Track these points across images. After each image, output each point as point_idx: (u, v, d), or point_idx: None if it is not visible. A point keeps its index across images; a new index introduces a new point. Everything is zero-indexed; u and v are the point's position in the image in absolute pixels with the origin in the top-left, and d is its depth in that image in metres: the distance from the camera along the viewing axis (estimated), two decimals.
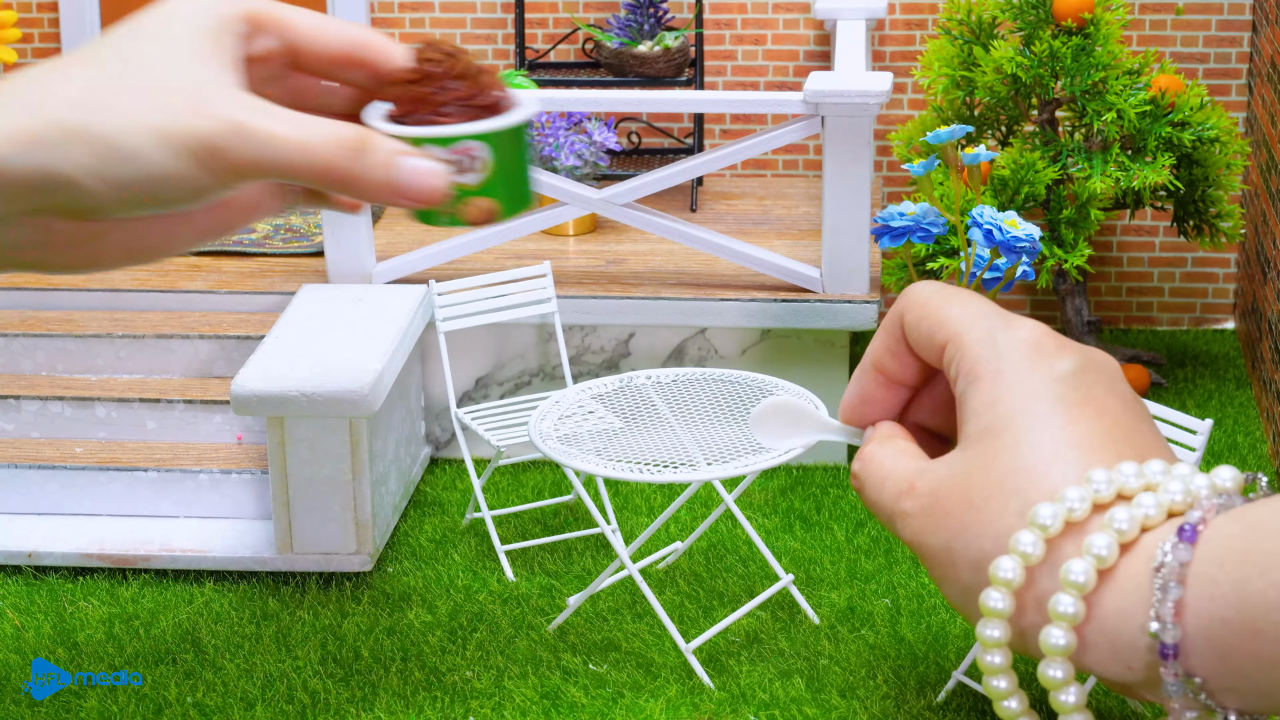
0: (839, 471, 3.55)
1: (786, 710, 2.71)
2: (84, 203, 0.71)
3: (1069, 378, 0.62)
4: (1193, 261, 4.21)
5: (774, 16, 4.30)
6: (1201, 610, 0.55)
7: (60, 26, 4.53)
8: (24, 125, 0.72)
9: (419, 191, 0.78)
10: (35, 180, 0.71)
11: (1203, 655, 0.55)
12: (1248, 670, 0.55)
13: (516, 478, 3.54)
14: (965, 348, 0.64)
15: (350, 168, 0.78)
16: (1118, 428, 0.62)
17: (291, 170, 0.74)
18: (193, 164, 0.72)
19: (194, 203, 0.73)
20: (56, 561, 3.19)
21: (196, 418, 3.44)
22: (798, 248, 3.77)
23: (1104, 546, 0.58)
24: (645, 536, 2.82)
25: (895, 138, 3.66)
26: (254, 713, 2.73)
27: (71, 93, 0.71)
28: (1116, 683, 0.59)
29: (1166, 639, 0.56)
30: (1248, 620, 0.55)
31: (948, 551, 0.62)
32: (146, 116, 0.71)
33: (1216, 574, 0.55)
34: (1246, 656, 0.55)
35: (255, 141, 0.73)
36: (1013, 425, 0.61)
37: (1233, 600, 0.55)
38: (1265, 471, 3.48)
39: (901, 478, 0.64)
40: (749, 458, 2.31)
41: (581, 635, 2.93)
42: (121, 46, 0.74)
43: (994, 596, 0.60)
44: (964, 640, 2.90)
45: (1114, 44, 3.46)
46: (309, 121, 0.75)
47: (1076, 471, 0.60)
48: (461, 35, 4.43)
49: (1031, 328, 0.63)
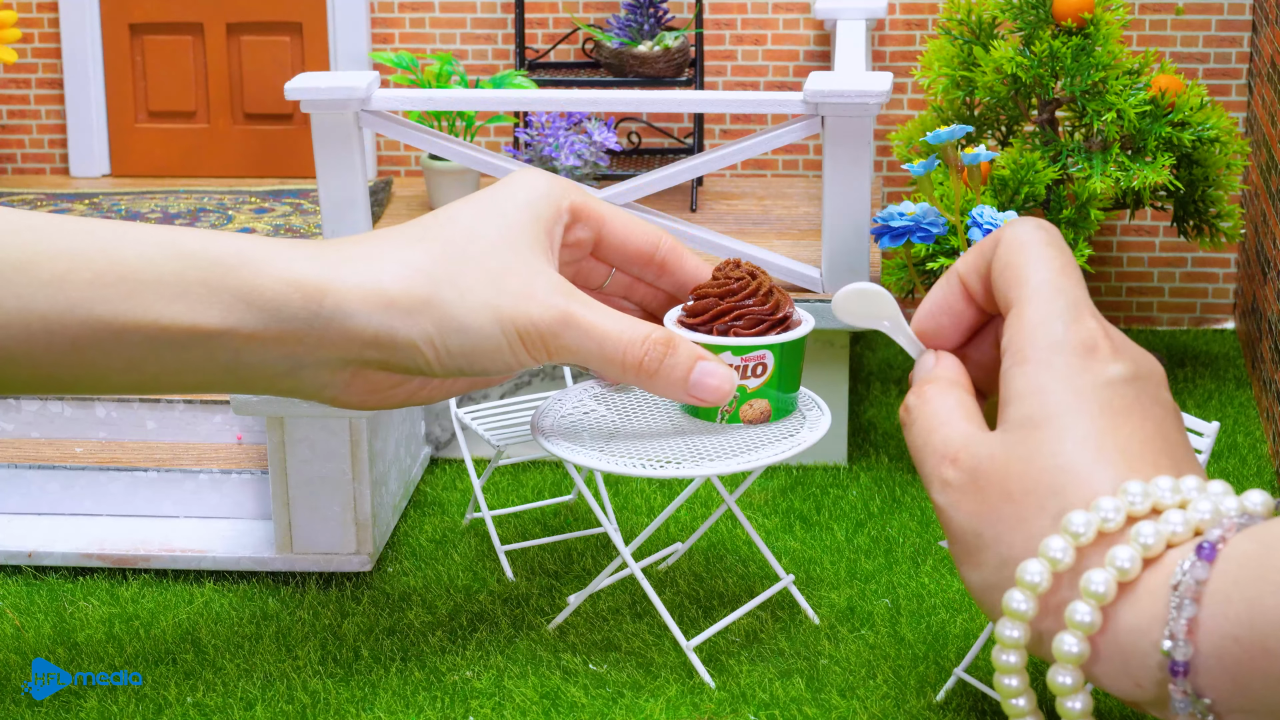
0: (839, 471, 3.55)
1: (786, 710, 2.71)
2: (413, 363, 0.75)
3: (1118, 383, 0.62)
4: (1193, 261, 4.22)
5: (774, 16, 4.31)
6: (1215, 629, 0.55)
7: (60, 26, 4.54)
8: (378, 286, 0.75)
9: (710, 394, 0.82)
10: (378, 339, 0.74)
11: (1212, 674, 0.55)
12: (1257, 689, 0.55)
13: (516, 478, 3.54)
14: (1023, 324, 0.64)
15: (655, 367, 0.82)
16: (1159, 437, 0.62)
17: (604, 360, 0.79)
18: (519, 343, 0.76)
19: (504, 373, 0.78)
20: (56, 561, 3.19)
21: (196, 418, 3.44)
22: (798, 248, 3.78)
23: (1127, 559, 0.58)
24: (645, 536, 2.82)
25: (895, 138, 3.67)
26: (254, 712, 2.73)
27: (423, 263, 0.74)
28: (1124, 698, 0.59)
29: (1178, 656, 0.56)
30: (1259, 639, 0.54)
31: (977, 536, 0.62)
32: (489, 297, 0.75)
33: (1231, 592, 0.55)
34: (1256, 675, 0.55)
35: (578, 332, 0.77)
36: (1057, 421, 0.61)
37: (1245, 618, 0.55)
38: (1265, 471, 3.47)
39: (949, 439, 0.64)
40: (750, 454, 2.31)
41: (582, 635, 2.94)
42: (467, 223, 0.77)
43: (1018, 598, 0.60)
44: (964, 640, 2.90)
45: (1114, 44, 3.47)
46: (625, 320, 0.79)
47: (1114, 478, 0.60)
48: (461, 35, 4.44)
49: (1094, 326, 0.63)
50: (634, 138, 4.48)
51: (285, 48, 4.53)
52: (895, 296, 0.76)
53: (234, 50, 4.55)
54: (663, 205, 4.27)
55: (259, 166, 4.58)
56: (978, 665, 2.91)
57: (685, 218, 4.04)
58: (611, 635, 3.13)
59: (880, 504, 3.54)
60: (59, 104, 4.55)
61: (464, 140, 4.01)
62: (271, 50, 4.55)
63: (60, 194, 4.46)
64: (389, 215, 4.22)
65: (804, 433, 2.49)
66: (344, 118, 3.69)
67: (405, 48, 4.41)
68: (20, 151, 4.59)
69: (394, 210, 4.38)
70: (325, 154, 3.63)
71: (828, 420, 2.27)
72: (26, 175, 4.62)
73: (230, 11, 4.58)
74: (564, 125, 3.93)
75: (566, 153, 3.84)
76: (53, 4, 4.52)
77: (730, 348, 1.05)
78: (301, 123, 4.52)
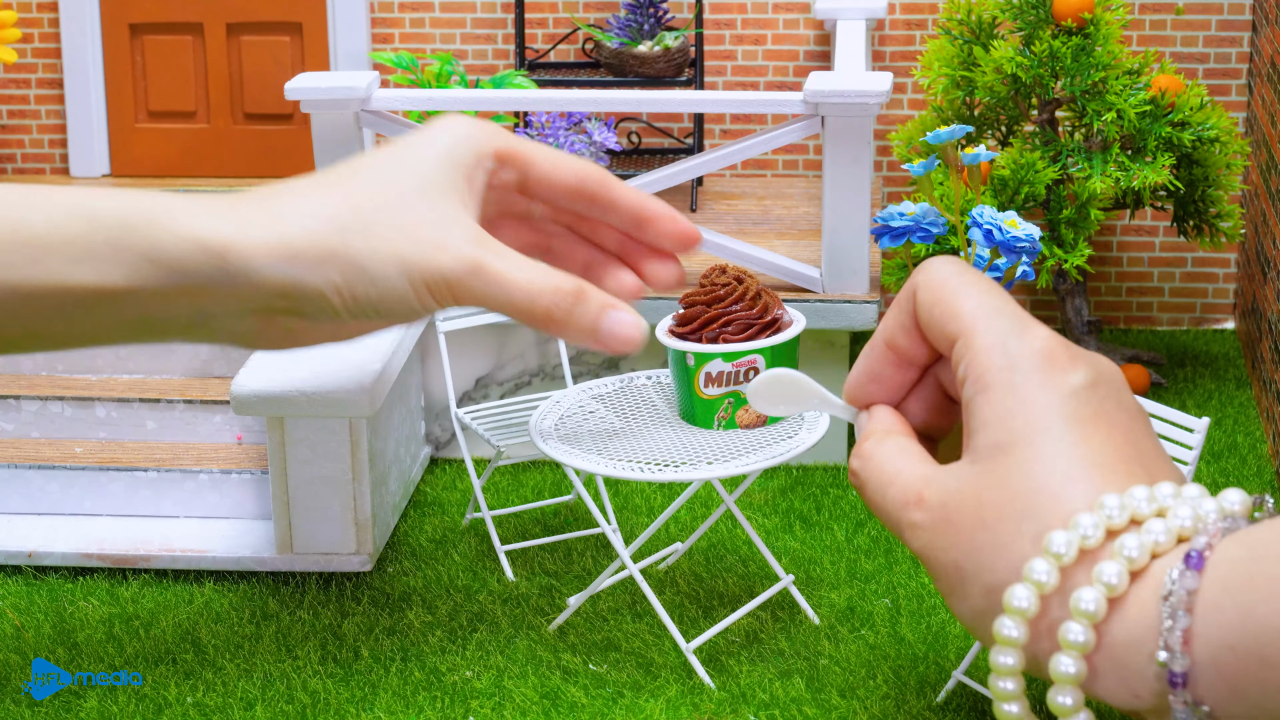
0: (839, 471, 3.55)
1: (786, 710, 2.71)
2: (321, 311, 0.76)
3: (1081, 392, 0.62)
4: (1193, 261, 4.21)
5: (774, 16, 4.30)
6: (1210, 638, 0.55)
7: (60, 26, 4.54)
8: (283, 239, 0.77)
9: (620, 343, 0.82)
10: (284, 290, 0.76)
11: (1211, 684, 0.55)
12: (1255, 697, 0.55)
13: (516, 478, 3.54)
14: (976, 351, 0.64)
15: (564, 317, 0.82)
16: (1128, 444, 0.62)
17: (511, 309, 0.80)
18: (425, 293, 0.77)
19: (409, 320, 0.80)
20: (56, 561, 3.19)
21: (196, 418, 3.44)
22: (798, 248, 3.77)
23: (1114, 575, 0.57)
24: (645, 536, 2.82)
25: (895, 138, 3.66)
26: (254, 713, 2.73)
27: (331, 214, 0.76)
28: (1124, 709, 0.59)
29: (1175, 668, 0.55)
30: (1254, 648, 0.54)
31: (958, 570, 0.62)
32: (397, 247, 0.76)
33: (1223, 600, 0.55)
34: (1253, 683, 0.55)
35: (486, 281, 0.78)
36: (1025, 442, 0.61)
37: (1239, 628, 0.55)
38: (1265, 471, 3.47)
39: (908, 485, 0.64)
40: (749, 456, 2.30)
41: (581, 635, 2.93)
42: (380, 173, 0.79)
43: (1008, 624, 0.59)
44: (964, 640, 2.90)
45: (1114, 44, 3.46)
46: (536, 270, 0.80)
47: (1089, 493, 0.59)
48: (461, 35, 4.44)
49: (1045, 336, 0.63)
50: (634, 138, 4.48)
51: (285, 48, 4.53)
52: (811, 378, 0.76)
53: (234, 50, 4.55)
54: None
55: (259, 166, 4.58)
56: (978, 667, 2.91)
57: (685, 217, 4.02)
58: (612, 635, 3.13)
59: None
60: (59, 104, 4.55)
61: None
62: (271, 50, 4.55)
63: None
64: None
65: (803, 433, 2.49)
66: (344, 118, 3.69)
67: (405, 48, 4.41)
68: (20, 151, 4.59)
69: None
70: (325, 154, 3.63)
71: (826, 420, 2.27)
72: (26, 175, 4.63)
73: (230, 11, 4.58)
74: (564, 125, 3.93)
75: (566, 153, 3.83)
76: (53, 4, 4.52)
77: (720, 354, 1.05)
78: (301, 123, 4.52)
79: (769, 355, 1.24)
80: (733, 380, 1.25)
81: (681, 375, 1.57)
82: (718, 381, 1.56)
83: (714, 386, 1.57)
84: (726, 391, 1.55)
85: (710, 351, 1.21)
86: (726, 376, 1.30)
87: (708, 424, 1.24)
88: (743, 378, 1.24)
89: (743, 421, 1.23)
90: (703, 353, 1.24)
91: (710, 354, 1.21)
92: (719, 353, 1.19)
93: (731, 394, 1.26)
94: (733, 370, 1.20)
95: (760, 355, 1.23)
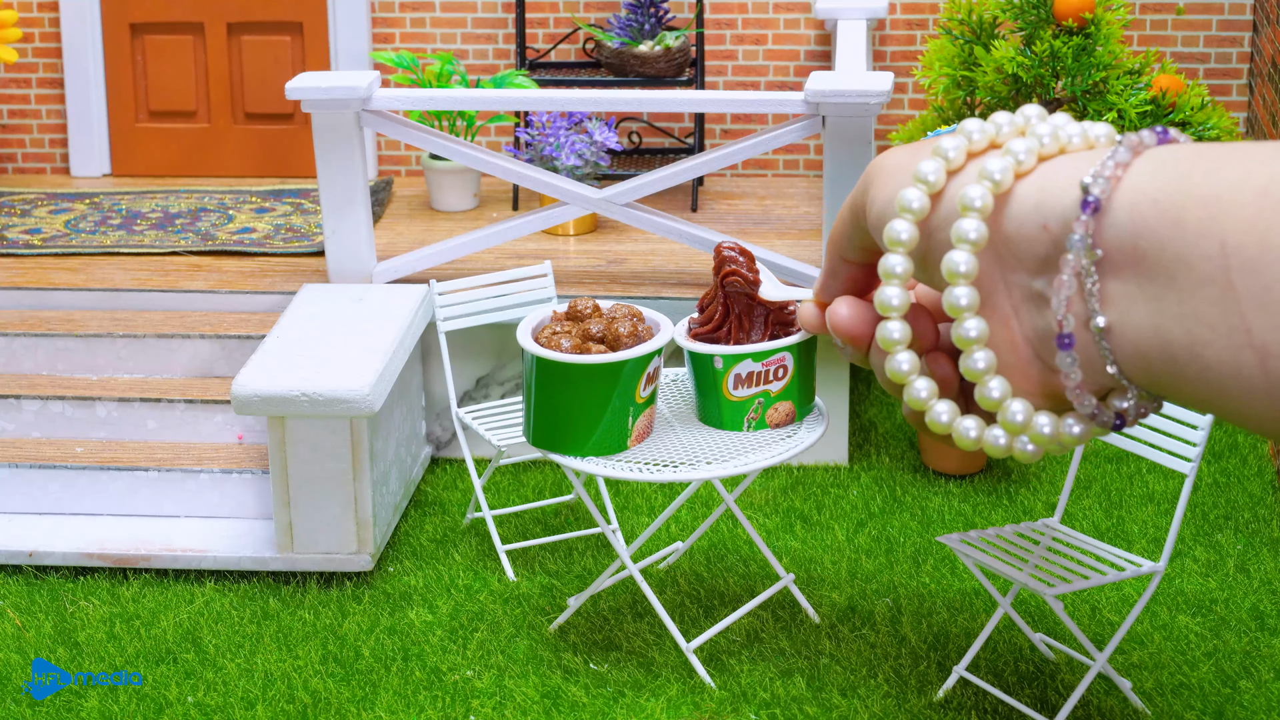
0: (839, 471, 3.55)
1: (787, 709, 2.71)
2: None
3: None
4: None
5: (774, 16, 4.30)
6: (1136, 187, 0.56)
7: (61, 26, 4.54)
8: None
9: None
10: None
11: (1116, 227, 0.55)
12: (1151, 259, 0.55)
13: (517, 477, 3.54)
14: None
15: None
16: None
17: None
18: None
19: None
20: (57, 561, 3.19)
21: (197, 417, 3.44)
22: (798, 247, 3.77)
23: (1000, 170, 0.59)
24: (645, 536, 2.82)
25: (895, 138, 3.67)
26: (254, 712, 2.73)
27: None
28: (1027, 263, 0.58)
29: (1095, 191, 0.56)
30: (1175, 209, 0.55)
31: (863, 193, 0.67)
32: None
33: (1167, 163, 0.56)
34: (1154, 243, 0.54)
35: None
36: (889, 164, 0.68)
37: (1172, 185, 0.55)
38: (1265, 471, 3.48)
39: None
40: (749, 456, 2.30)
41: (582, 635, 2.93)
42: None
43: (909, 196, 0.63)
44: (965, 639, 2.90)
45: (1115, 44, 3.47)
46: None
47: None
48: (462, 35, 4.44)
49: None
50: (635, 137, 4.48)
51: (286, 47, 4.53)
52: None
53: (234, 50, 4.54)
54: (663, 205, 4.28)
55: (259, 166, 4.58)
56: (979, 664, 2.92)
57: (686, 217, 4.04)
58: (612, 635, 3.13)
59: (881, 504, 3.54)
60: (60, 103, 4.55)
61: (465, 140, 4.01)
62: (272, 50, 4.55)
63: (61, 193, 4.46)
64: (389, 215, 4.22)
65: (803, 433, 2.49)
66: (345, 117, 3.69)
67: (406, 47, 4.41)
68: (21, 151, 4.59)
69: (394, 210, 4.38)
70: (326, 153, 3.63)
71: (826, 420, 2.27)
72: (27, 175, 4.62)
73: (230, 11, 4.58)
74: (565, 125, 3.93)
75: (567, 152, 3.84)
76: (53, 4, 4.53)
77: (750, 355, 1.06)
78: (302, 122, 4.52)
79: (798, 352, 1.24)
80: (762, 380, 1.26)
81: (707, 378, 1.56)
82: (748, 382, 1.56)
83: (744, 388, 1.57)
84: (757, 392, 1.55)
85: (740, 353, 1.21)
86: (756, 376, 1.30)
87: (736, 426, 1.23)
88: (772, 377, 1.25)
89: (773, 421, 1.23)
90: (731, 354, 1.24)
91: (740, 355, 1.21)
92: (748, 353, 1.19)
93: (762, 393, 1.26)
94: (762, 370, 1.20)
95: (789, 353, 1.23)
